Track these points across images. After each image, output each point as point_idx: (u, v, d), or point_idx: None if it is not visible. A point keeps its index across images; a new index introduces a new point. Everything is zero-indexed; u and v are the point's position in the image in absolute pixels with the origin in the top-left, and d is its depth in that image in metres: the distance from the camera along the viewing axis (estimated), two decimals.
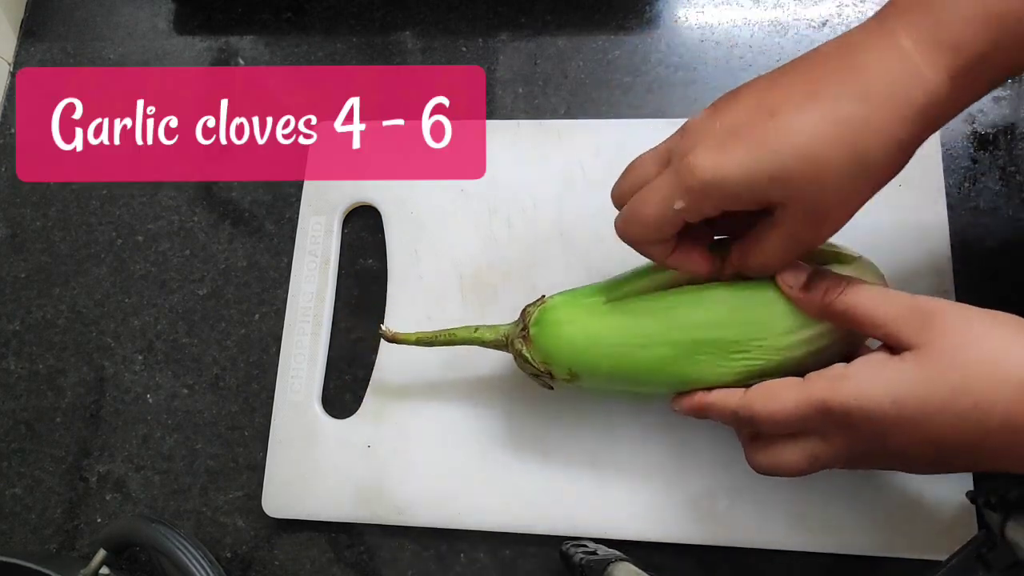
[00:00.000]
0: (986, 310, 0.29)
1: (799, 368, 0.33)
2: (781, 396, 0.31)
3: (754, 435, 0.34)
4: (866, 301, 0.31)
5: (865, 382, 0.29)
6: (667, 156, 0.32)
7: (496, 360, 0.44)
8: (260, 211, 0.50)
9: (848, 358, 0.31)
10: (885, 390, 0.28)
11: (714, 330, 0.34)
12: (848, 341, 0.34)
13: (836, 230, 0.31)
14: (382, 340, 0.45)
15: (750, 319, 0.33)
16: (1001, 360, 0.27)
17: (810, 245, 0.32)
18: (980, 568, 0.36)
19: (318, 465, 0.44)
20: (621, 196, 0.34)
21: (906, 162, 0.30)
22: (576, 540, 0.41)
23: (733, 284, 0.34)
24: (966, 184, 0.45)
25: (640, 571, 0.36)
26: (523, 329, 0.38)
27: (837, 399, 0.29)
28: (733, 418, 0.33)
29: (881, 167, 0.29)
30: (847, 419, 0.29)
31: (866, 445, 0.30)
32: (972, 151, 0.46)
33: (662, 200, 0.31)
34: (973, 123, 0.46)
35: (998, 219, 0.45)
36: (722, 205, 0.30)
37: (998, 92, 0.47)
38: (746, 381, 0.33)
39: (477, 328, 0.40)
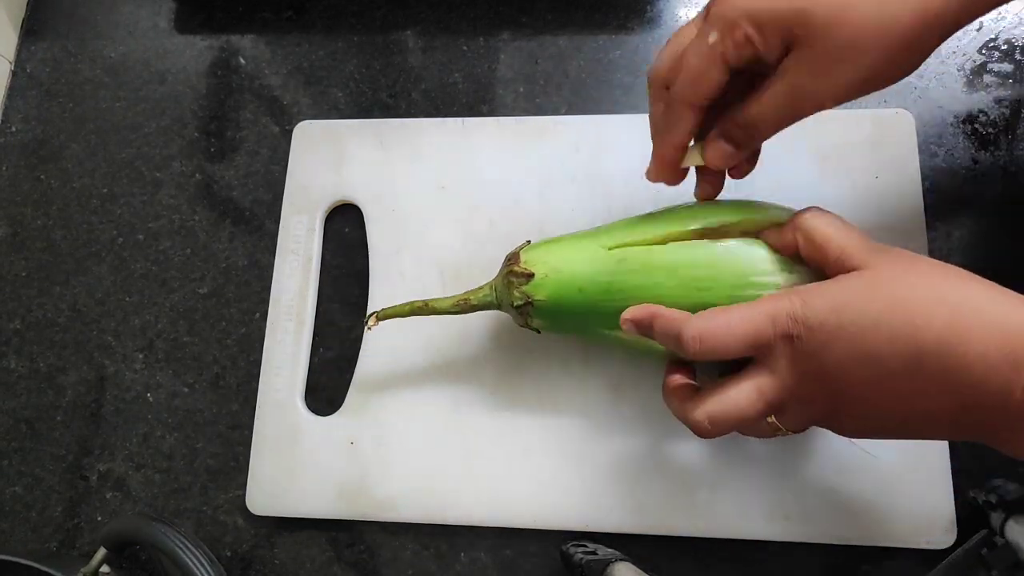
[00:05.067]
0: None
1: None
2: (731, 310, 0.31)
3: (690, 391, 0.34)
4: (830, 221, 0.33)
5: (811, 292, 0.30)
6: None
7: (479, 356, 0.44)
8: (261, 210, 0.50)
9: None
10: (828, 299, 0.30)
11: (701, 269, 0.35)
12: None
13: (836, 93, 0.31)
14: (364, 336, 0.46)
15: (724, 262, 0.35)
16: (941, 286, 0.29)
17: (809, 103, 0.32)
18: (980, 568, 0.36)
19: (301, 462, 0.44)
20: (660, 67, 0.34)
21: (918, 49, 0.30)
22: (576, 540, 0.41)
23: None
24: (967, 184, 0.45)
25: (640, 571, 0.36)
26: (512, 261, 0.38)
27: (784, 307, 0.30)
28: (677, 339, 0.32)
29: (900, 31, 0.30)
30: (793, 326, 0.30)
31: (808, 365, 0.30)
32: (973, 151, 0.46)
33: (701, 44, 0.31)
34: (974, 123, 0.46)
35: (999, 219, 0.45)
36: (751, 35, 0.30)
37: (998, 92, 0.47)
38: None
39: (462, 295, 0.40)
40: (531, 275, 0.37)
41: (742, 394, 0.31)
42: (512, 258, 0.39)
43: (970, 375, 0.27)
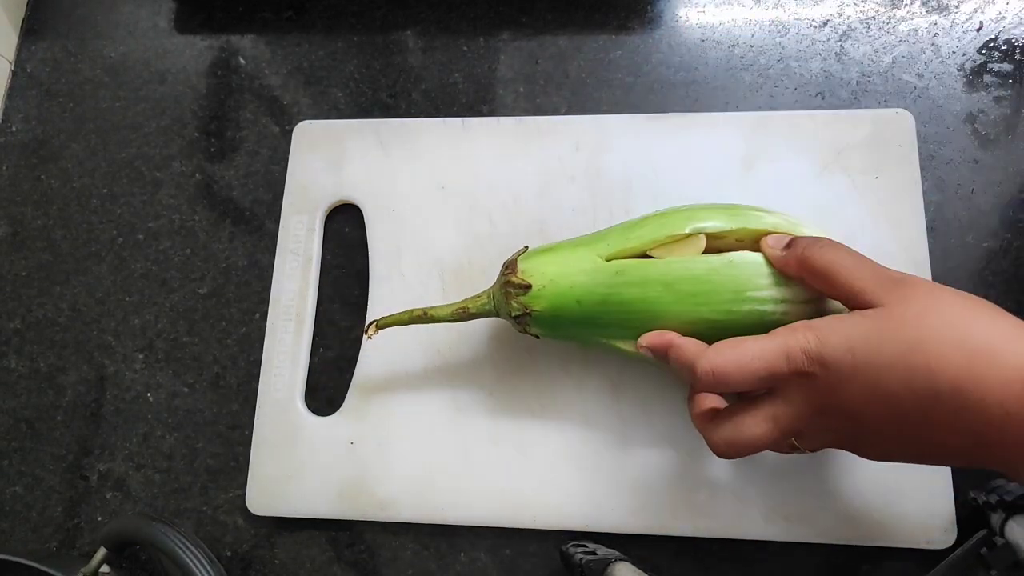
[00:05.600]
0: (957, 290, 0.30)
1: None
2: (745, 344, 0.31)
3: (712, 414, 0.34)
4: (841, 259, 0.32)
5: (826, 329, 0.30)
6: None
7: (477, 357, 0.44)
8: (261, 210, 0.50)
9: None
10: (843, 337, 0.29)
11: (698, 284, 0.35)
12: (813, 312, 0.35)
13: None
14: (364, 338, 0.46)
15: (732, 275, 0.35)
16: (959, 327, 0.28)
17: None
18: (981, 568, 0.36)
19: (301, 463, 0.44)
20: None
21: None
22: (576, 540, 0.41)
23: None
24: (967, 184, 0.45)
25: (640, 571, 0.36)
26: (509, 271, 0.38)
27: (799, 343, 0.30)
28: (690, 371, 0.32)
29: None
30: (807, 364, 0.30)
31: (823, 400, 0.30)
32: (973, 151, 0.46)
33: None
34: (974, 123, 0.46)
35: (999, 219, 0.45)
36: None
37: (999, 92, 0.47)
38: (715, 329, 0.35)
39: (461, 303, 0.40)
40: (528, 286, 0.37)
41: (757, 423, 0.31)
42: (509, 267, 0.38)
43: (988, 419, 0.27)
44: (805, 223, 0.37)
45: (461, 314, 0.40)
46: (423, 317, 0.40)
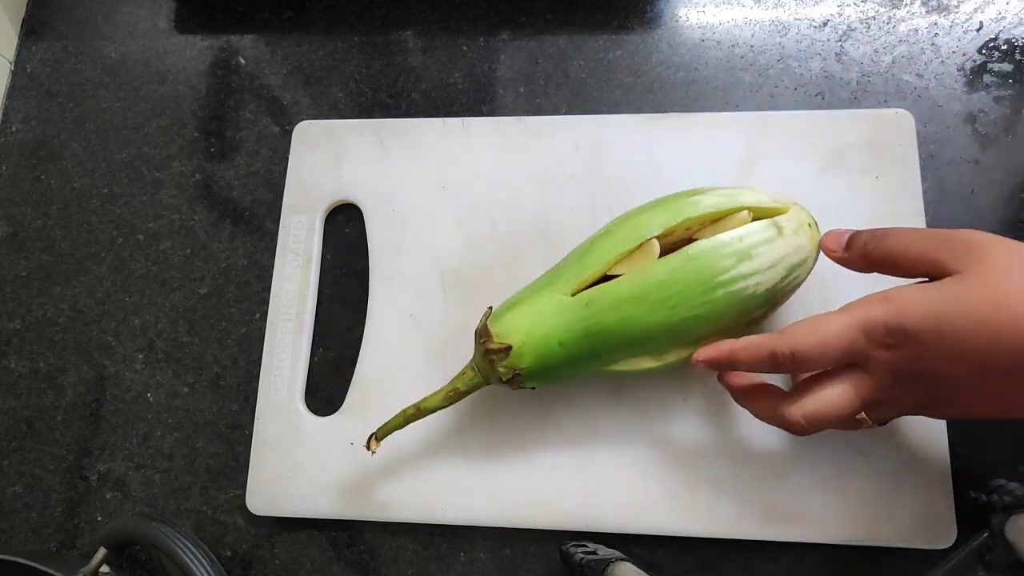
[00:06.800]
0: None
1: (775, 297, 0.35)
2: (823, 324, 0.31)
3: (782, 395, 0.34)
4: (903, 243, 0.32)
5: (905, 300, 0.30)
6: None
7: None
8: (261, 210, 0.50)
9: None
10: (925, 306, 0.29)
11: (666, 288, 0.35)
12: None
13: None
14: (364, 336, 0.46)
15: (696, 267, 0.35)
16: None
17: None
18: (981, 568, 0.36)
19: (301, 463, 0.44)
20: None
21: None
22: (576, 540, 0.41)
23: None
24: (967, 185, 0.45)
25: (640, 571, 0.36)
26: (484, 339, 0.38)
27: (880, 316, 0.30)
28: (771, 360, 0.32)
29: None
30: (889, 336, 0.30)
31: (908, 366, 0.30)
32: (973, 151, 0.46)
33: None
34: (974, 123, 0.46)
35: (999, 219, 0.45)
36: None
37: (999, 92, 0.47)
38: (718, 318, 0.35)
39: (449, 386, 0.39)
40: (508, 348, 0.37)
41: (839, 394, 0.32)
42: (483, 334, 0.38)
43: None
44: (743, 190, 0.38)
45: (453, 397, 0.39)
46: (417, 413, 0.39)
